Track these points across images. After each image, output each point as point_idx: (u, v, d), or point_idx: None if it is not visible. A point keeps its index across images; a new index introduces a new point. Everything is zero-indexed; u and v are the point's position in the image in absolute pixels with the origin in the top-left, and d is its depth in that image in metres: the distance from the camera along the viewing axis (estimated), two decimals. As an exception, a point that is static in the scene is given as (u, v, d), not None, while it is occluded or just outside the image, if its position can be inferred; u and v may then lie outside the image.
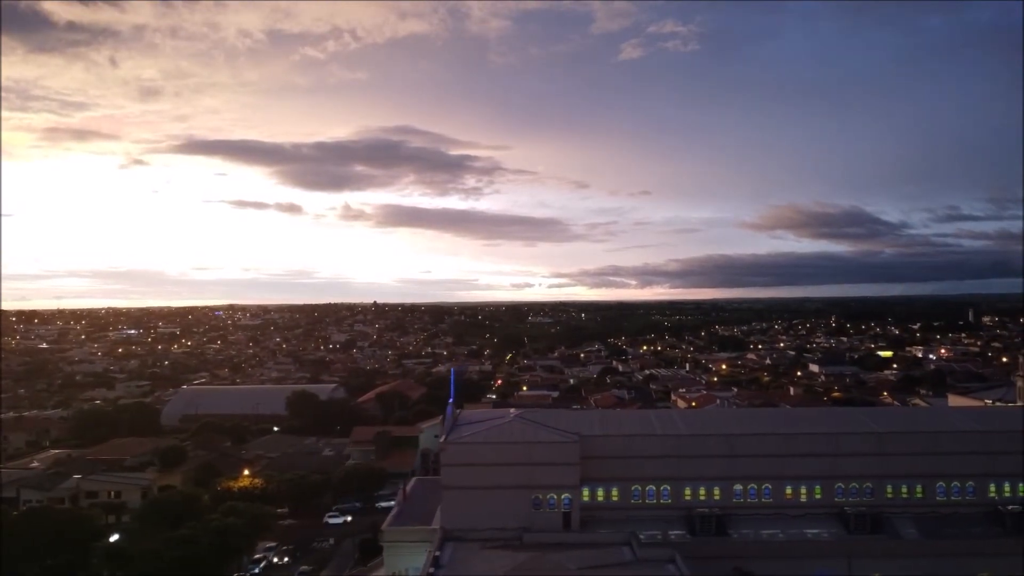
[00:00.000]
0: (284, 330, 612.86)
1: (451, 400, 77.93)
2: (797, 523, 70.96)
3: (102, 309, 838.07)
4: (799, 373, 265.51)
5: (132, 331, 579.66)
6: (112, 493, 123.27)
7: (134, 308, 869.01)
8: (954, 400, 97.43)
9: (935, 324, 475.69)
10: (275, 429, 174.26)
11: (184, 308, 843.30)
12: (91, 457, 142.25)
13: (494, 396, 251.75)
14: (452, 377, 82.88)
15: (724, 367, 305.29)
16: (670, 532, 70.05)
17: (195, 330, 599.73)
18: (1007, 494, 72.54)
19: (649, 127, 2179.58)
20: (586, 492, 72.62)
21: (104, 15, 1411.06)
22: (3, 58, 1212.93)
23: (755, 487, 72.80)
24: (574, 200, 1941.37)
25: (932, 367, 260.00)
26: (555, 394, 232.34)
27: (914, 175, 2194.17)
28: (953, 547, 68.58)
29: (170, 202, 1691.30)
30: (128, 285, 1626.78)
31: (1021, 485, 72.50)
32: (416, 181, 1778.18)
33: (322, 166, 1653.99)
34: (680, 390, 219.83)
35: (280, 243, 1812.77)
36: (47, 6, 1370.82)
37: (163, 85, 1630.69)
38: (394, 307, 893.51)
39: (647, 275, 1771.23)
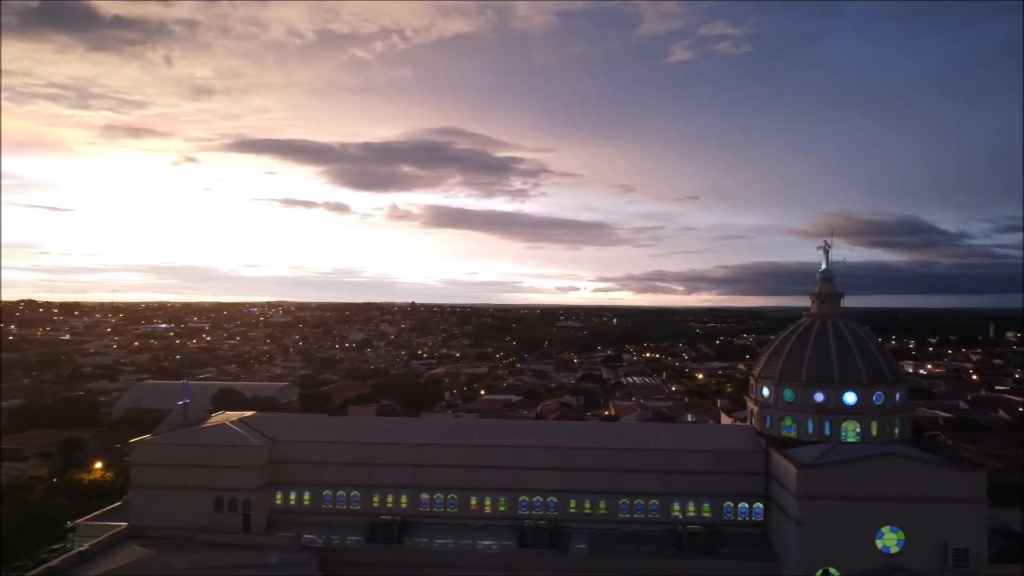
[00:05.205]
0: (309, 327, 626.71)
1: (184, 402, 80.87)
2: (473, 535, 71.78)
3: (142, 303, 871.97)
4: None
5: (163, 325, 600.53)
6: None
7: (178, 303, 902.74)
8: (725, 419, 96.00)
9: (951, 338, 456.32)
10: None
11: (222, 304, 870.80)
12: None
13: (459, 400, 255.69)
14: (186, 379, 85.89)
15: (700, 376, 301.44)
16: (348, 538, 71.83)
17: (225, 326, 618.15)
18: (691, 513, 71.88)
19: (697, 131, 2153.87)
20: (279, 496, 74.93)
21: (148, 9, 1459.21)
22: (62, 56, 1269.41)
23: (441, 497, 73.93)
24: (619, 204, 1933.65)
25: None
26: (516, 398, 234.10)
27: (973, 183, 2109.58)
28: (622, 565, 68.49)
29: (221, 199, 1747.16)
30: (181, 280, 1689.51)
31: (706, 505, 71.76)
32: (462, 182, 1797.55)
33: (369, 166, 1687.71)
34: (633, 399, 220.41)
35: (328, 242, 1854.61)
36: (94, 4, 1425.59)
37: (215, 84, 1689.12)
38: (428, 307, 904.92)
39: (693, 281, 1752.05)
